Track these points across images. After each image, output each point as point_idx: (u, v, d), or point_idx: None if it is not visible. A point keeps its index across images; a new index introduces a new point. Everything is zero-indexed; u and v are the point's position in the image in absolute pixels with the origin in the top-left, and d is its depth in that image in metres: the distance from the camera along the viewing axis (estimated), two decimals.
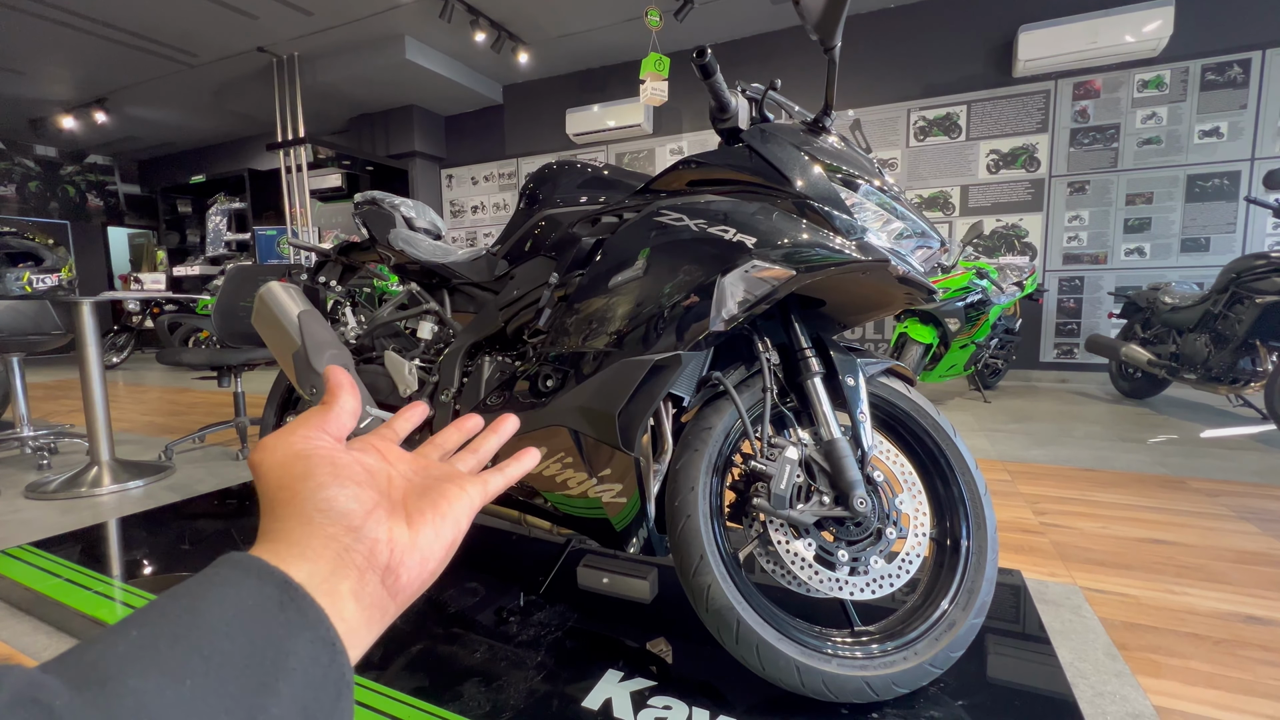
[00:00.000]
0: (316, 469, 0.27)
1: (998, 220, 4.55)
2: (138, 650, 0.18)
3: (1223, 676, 1.04)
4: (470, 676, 1.01)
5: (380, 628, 0.25)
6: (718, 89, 1.00)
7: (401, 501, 0.29)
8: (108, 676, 0.17)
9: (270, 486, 0.27)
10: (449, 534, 0.29)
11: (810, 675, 0.88)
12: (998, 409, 3.51)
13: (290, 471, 0.27)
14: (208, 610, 0.20)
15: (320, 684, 0.21)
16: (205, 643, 0.19)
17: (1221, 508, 1.84)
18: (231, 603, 0.20)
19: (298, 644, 0.21)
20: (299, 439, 0.28)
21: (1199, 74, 4.01)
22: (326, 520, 0.25)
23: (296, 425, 0.29)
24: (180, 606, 0.20)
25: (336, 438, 0.30)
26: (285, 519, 0.25)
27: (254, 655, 0.19)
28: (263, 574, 0.22)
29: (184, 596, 0.20)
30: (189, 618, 0.20)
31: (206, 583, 0.21)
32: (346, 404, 0.31)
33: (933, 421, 1.05)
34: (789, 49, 5.04)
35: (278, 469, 0.27)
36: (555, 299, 1.20)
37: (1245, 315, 2.85)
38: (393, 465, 0.31)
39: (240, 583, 0.21)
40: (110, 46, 5.17)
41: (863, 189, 0.97)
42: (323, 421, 0.30)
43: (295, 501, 0.26)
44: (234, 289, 2.50)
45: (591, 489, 1.06)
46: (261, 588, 0.21)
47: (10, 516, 1.92)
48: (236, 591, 0.21)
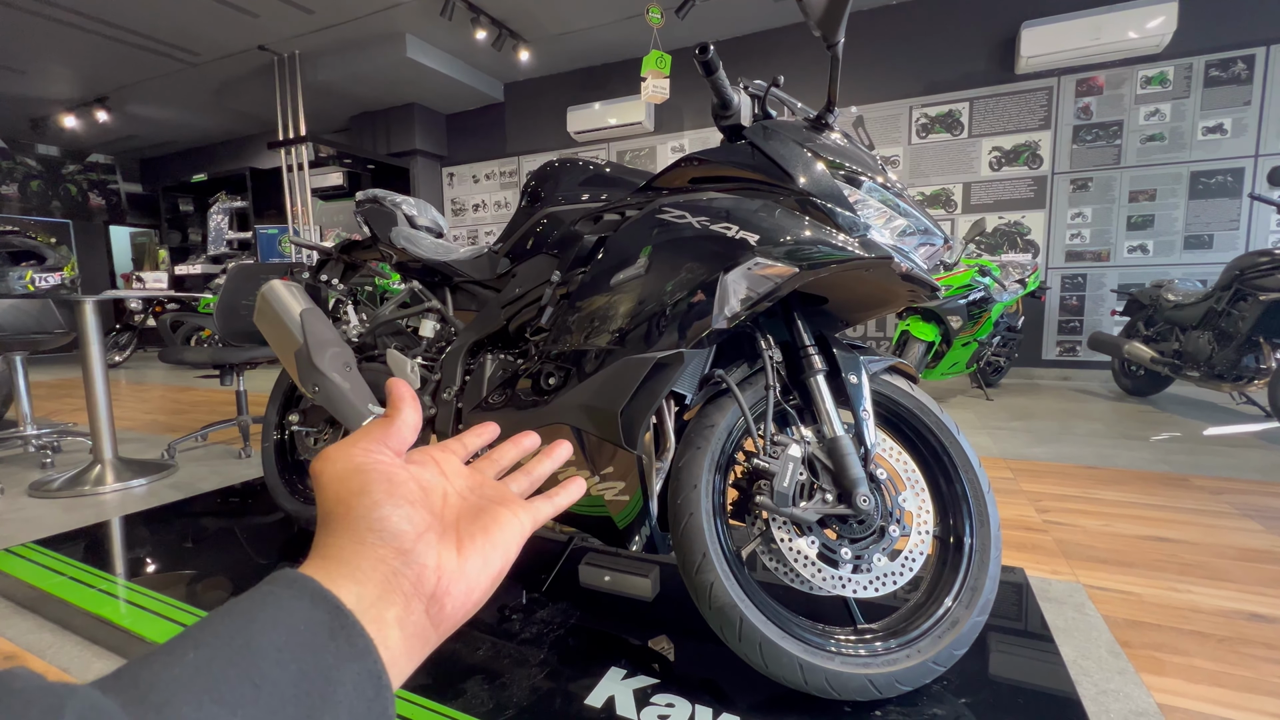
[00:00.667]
0: (373, 485, 0.27)
1: (1000, 217, 4.54)
2: (193, 674, 0.18)
3: (1226, 674, 1.04)
4: (473, 674, 1.02)
5: (420, 658, 0.25)
6: (720, 86, 1.00)
7: (454, 524, 0.29)
8: (164, 702, 0.17)
9: (328, 499, 0.27)
10: (497, 563, 0.29)
11: (813, 673, 0.88)
12: (1000, 407, 3.51)
13: (348, 486, 0.27)
14: (261, 634, 0.20)
15: (364, 718, 0.21)
16: (257, 670, 0.19)
17: (1225, 505, 1.84)
18: (284, 627, 0.21)
19: (346, 675, 0.21)
20: (359, 451, 0.28)
21: (1203, 70, 3.99)
22: (378, 541, 0.25)
23: (358, 437, 0.29)
24: (234, 628, 0.20)
25: (396, 452, 0.30)
26: (339, 534, 0.25)
27: (303, 684, 0.20)
28: (316, 598, 0.22)
29: (239, 615, 0.21)
30: (243, 641, 0.20)
31: (260, 602, 0.21)
32: (408, 418, 0.31)
33: (935, 419, 1.05)
34: (791, 46, 5.03)
35: (336, 482, 0.27)
36: (557, 297, 1.20)
37: (1249, 312, 2.84)
38: (449, 480, 0.31)
39: (293, 606, 0.21)
40: (111, 45, 5.17)
41: (865, 186, 0.97)
42: (384, 435, 0.30)
43: (350, 517, 0.26)
44: (236, 287, 2.50)
45: (594, 487, 1.06)
46: (314, 612, 0.21)
47: (14, 515, 1.92)
48: (289, 615, 0.21)
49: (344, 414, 1.39)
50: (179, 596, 1.30)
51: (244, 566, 1.47)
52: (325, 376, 1.38)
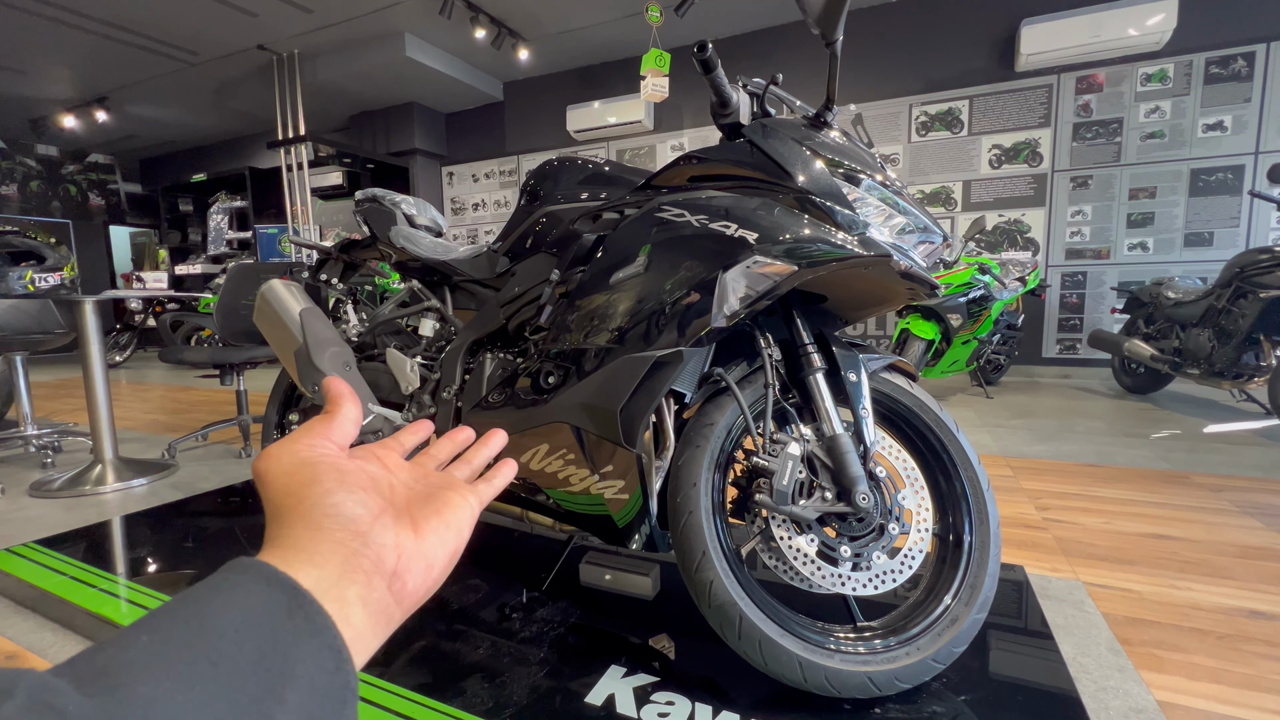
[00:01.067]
0: (323, 475, 0.27)
1: (1000, 215, 4.54)
2: (148, 656, 0.18)
3: (1226, 671, 1.04)
4: (473, 673, 1.02)
5: (386, 633, 0.26)
6: (719, 84, 0.99)
7: (406, 508, 0.29)
8: (118, 683, 0.17)
9: (276, 493, 0.27)
10: (453, 541, 0.29)
11: (813, 670, 0.88)
12: (1000, 405, 3.51)
13: (296, 478, 0.27)
14: (217, 616, 0.20)
15: (326, 691, 0.21)
16: (214, 649, 0.19)
17: (1225, 503, 1.84)
18: (240, 609, 0.21)
19: (305, 651, 0.21)
20: (304, 446, 0.29)
21: (1203, 67, 3.99)
22: (334, 525, 0.25)
23: (300, 434, 0.30)
24: (190, 612, 0.20)
25: (340, 446, 0.30)
26: (292, 525, 0.26)
27: (262, 662, 0.20)
28: (271, 580, 0.22)
29: (194, 602, 0.21)
30: (198, 623, 0.20)
31: (216, 588, 0.21)
32: (349, 413, 0.32)
33: (935, 417, 1.05)
34: (790, 44, 5.02)
35: (284, 476, 0.27)
36: (557, 295, 1.20)
37: (1249, 310, 2.84)
38: (394, 474, 0.32)
39: (249, 589, 0.21)
40: (111, 45, 5.16)
41: (865, 184, 0.97)
42: (327, 430, 0.30)
43: (302, 507, 0.26)
44: (235, 287, 2.50)
45: (594, 485, 1.06)
46: (270, 594, 0.21)
47: (15, 514, 1.92)
48: (245, 597, 0.21)
49: None
50: None
51: None
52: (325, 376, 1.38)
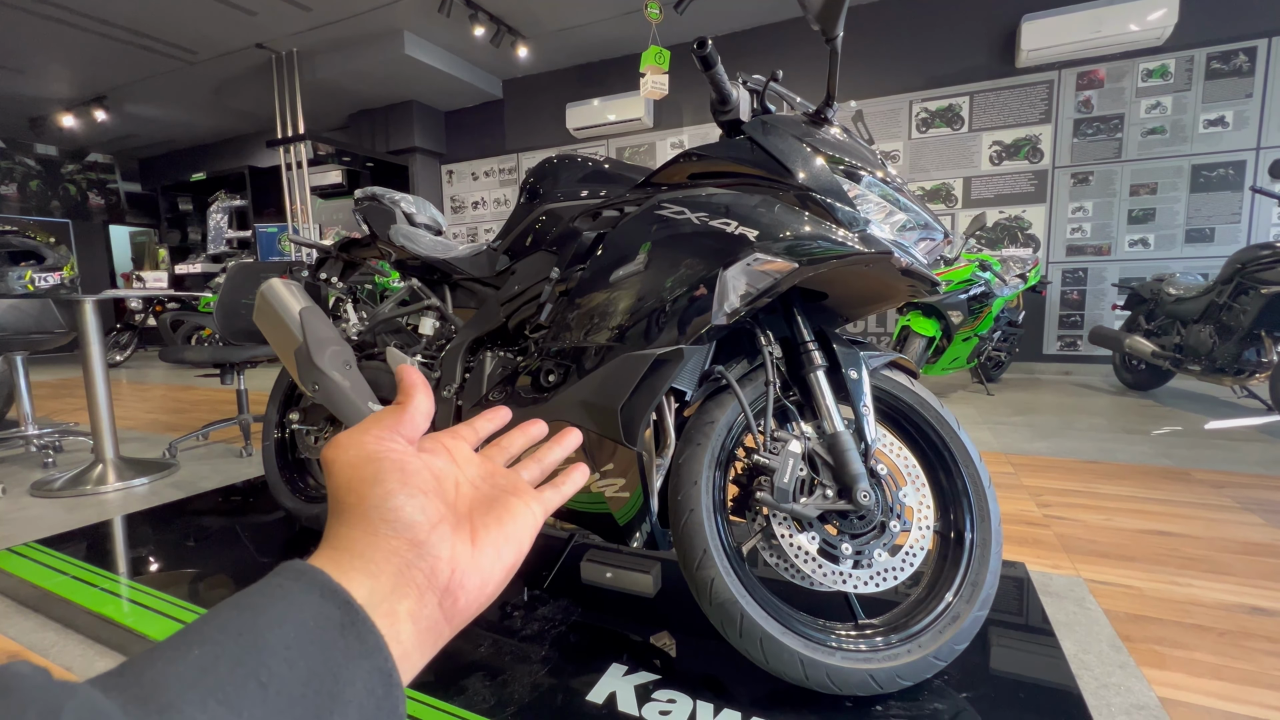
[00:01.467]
0: (386, 474, 0.26)
1: (1001, 212, 4.53)
2: (198, 673, 0.18)
3: (1227, 668, 1.04)
4: (475, 671, 1.02)
5: (432, 652, 0.25)
6: (718, 80, 0.99)
7: (468, 514, 0.28)
8: (168, 704, 0.17)
9: (340, 488, 0.26)
10: (511, 556, 0.28)
11: (814, 668, 0.88)
12: (1001, 401, 3.50)
13: (360, 474, 0.26)
14: (269, 630, 0.19)
15: (374, 717, 0.20)
16: (265, 668, 0.18)
17: (1226, 499, 1.84)
18: (293, 623, 0.20)
19: (356, 673, 0.20)
20: (372, 439, 0.28)
21: (1204, 63, 3.97)
22: (392, 532, 0.25)
23: (370, 424, 0.29)
24: (242, 624, 0.19)
25: (409, 439, 0.29)
26: (351, 525, 0.25)
27: (312, 683, 0.19)
28: (325, 591, 0.21)
29: (246, 609, 0.20)
30: (251, 639, 0.19)
31: (269, 595, 0.21)
32: (421, 405, 0.31)
33: (936, 414, 1.05)
34: (790, 41, 5.01)
35: (348, 469, 0.26)
36: (556, 294, 1.20)
37: (1250, 306, 2.84)
38: (461, 469, 0.31)
39: (303, 601, 0.21)
40: (109, 44, 5.15)
41: (865, 181, 0.96)
42: (396, 423, 0.29)
43: (362, 507, 0.25)
44: (235, 286, 2.50)
45: (594, 484, 1.06)
46: (323, 607, 0.21)
47: (16, 514, 1.93)
48: (299, 610, 0.20)
49: (344, 412, 1.39)
50: (181, 595, 1.31)
51: (246, 565, 1.47)
52: (325, 375, 1.38)
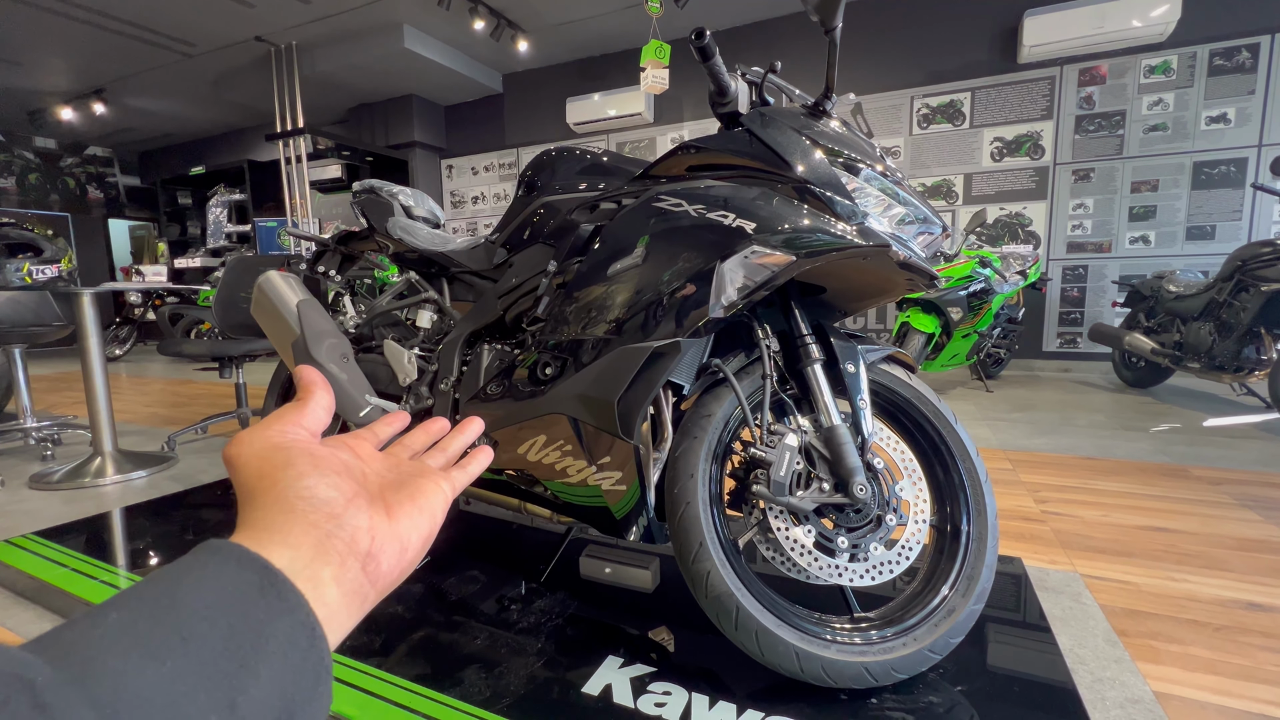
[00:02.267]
0: (296, 459, 0.27)
1: (1001, 208, 4.52)
2: (118, 632, 0.18)
3: (1223, 662, 1.04)
4: (471, 663, 1.02)
5: (360, 614, 0.26)
6: (717, 72, 0.99)
7: (380, 494, 0.29)
8: (89, 657, 0.17)
9: (249, 477, 0.27)
10: (426, 525, 0.30)
11: (809, 661, 0.88)
12: (1000, 398, 3.50)
13: (270, 461, 0.27)
14: (187, 595, 0.20)
15: (299, 667, 0.21)
16: (184, 625, 0.19)
17: (1223, 495, 1.84)
18: (211, 587, 0.21)
19: (277, 628, 0.21)
20: (275, 433, 0.29)
21: (1206, 59, 3.96)
22: (309, 508, 0.26)
23: (272, 420, 0.30)
24: (160, 590, 0.20)
25: (313, 432, 0.30)
26: (266, 507, 0.26)
27: (233, 638, 0.20)
28: (243, 560, 0.22)
29: (163, 581, 0.21)
30: (168, 601, 0.20)
31: (186, 568, 0.21)
32: (321, 400, 0.32)
33: (933, 408, 1.05)
34: (790, 36, 4.99)
35: (256, 460, 0.27)
36: (554, 286, 1.19)
37: (1250, 303, 2.83)
38: (366, 463, 0.32)
39: (220, 569, 0.21)
40: (108, 37, 5.13)
41: (864, 173, 0.96)
42: (299, 416, 0.30)
43: (275, 490, 0.26)
44: (234, 280, 2.50)
45: (591, 477, 1.06)
46: (241, 573, 0.22)
47: (15, 506, 1.93)
48: (216, 577, 0.21)
49: (341, 405, 1.38)
50: None
51: None
52: (322, 367, 1.38)
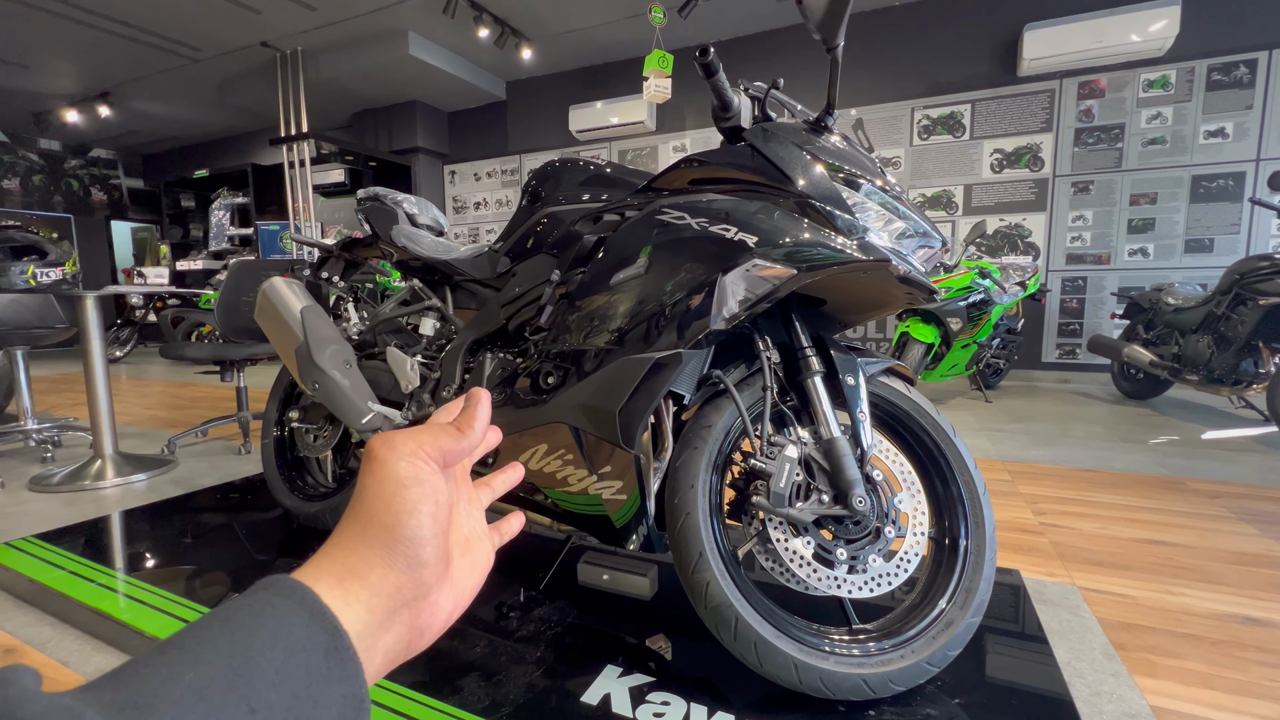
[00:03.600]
0: (423, 506, 0.26)
1: (1001, 220, 4.54)
2: (193, 699, 0.18)
3: (1219, 677, 1.05)
4: (470, 671, 1.02)
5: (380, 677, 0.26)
6: (720, 88, 1.00)
7: (451, 558, 0.29)
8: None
9: (376, 496, 0.26)
10: (464, 605, 0.30)
11: (808, 672, 0.88)
12: (999, 409, 3.51)
13: (402, 497, 0.26)
14: (261, 654, 0.20)
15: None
16: (255, 695, 0.19)
17: (1221, 509, 1.84)
18: (284, 646, 0.21)
19: (332, 697, 0.21)
20: (424, 461, 0.27)
21: (1205, 74, 3.99)
22: (406, 569, 0.25)
23: (429, 438, 0.28)
24: (235, 644, 0.20)
25: (451, 461, 0.29)
26: (372, 544, 0.25)
27: (293, 708, 0.20)
28: (315, 615, 0.22)
29: (238, 629, 0.20)
30: (243, 661, 0.20)
31: (259, 614, 0.21)
32: (472, 440, 0.30)
33: (932, 421, 1.05)
34: (793, 46, 5.03)
35: (393, 483, 0.26)
36: (557, 296, 1.20)
37: (1248, 317, 2.85)
38: (466, 518, 0.32)
39: (293, 621, 0.21)
40: (114, 40, 5.17)
41: (864, 188, 0.97)
42: (452, 445, 0.29)
43: (392, 533, 0.25)
44: (236, 284, 2.51)
45: (592, 486, 1.07)
46: (311, 633, 0.21)
47: (14, 509, 1.93)
48: (289, 633, 0.21)
49: (344, 411, 1.39)
50: (178, 591, 1.31)
51: (243, 562, 1.47)
52: (325, 374, 1.39)
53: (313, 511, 1.60)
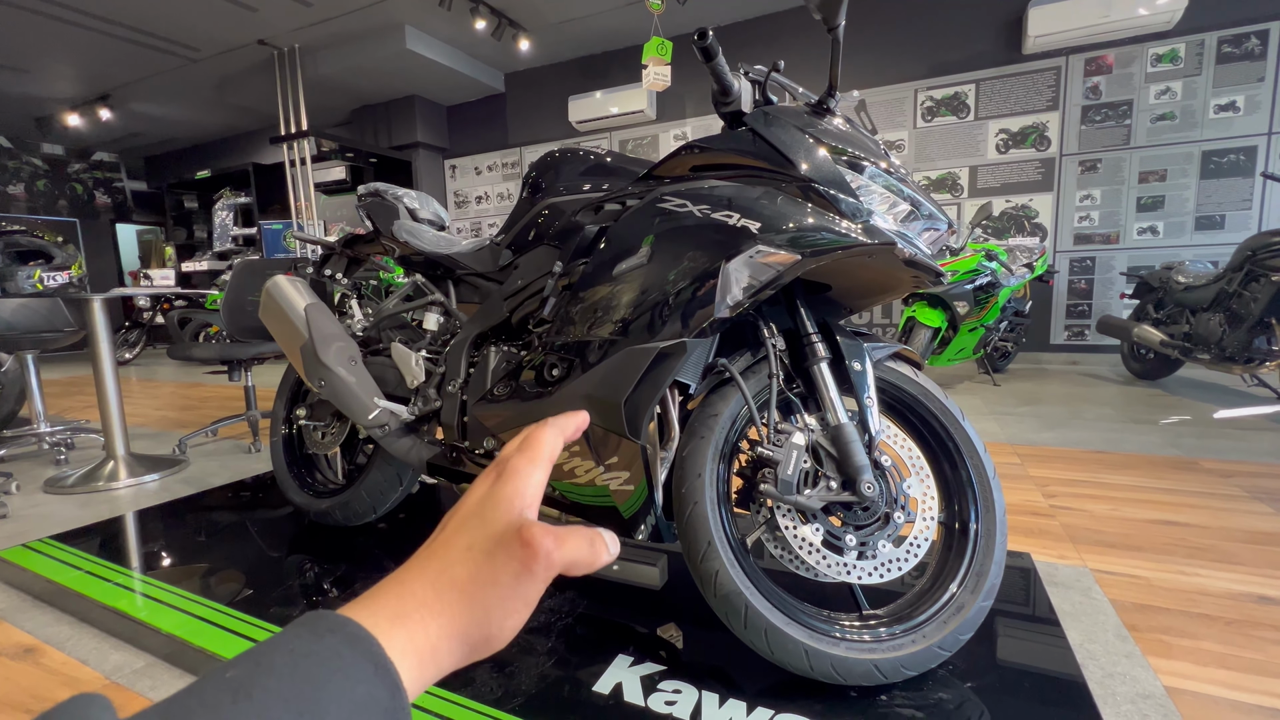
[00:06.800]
0: (524, 614, 0.26)
1: (1007, 201, 4.49)
2: None
3: (1234, 657, 1.04)
4: (482, 663, 1.03)
5: None
6: (720, 72, 0.98)
7: None
8: None
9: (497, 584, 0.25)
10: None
11: (819, 659, 0.88)
12: (1007, 392, 3.49)
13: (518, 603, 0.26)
14: (328, 711, 0.19)
15: None
16: None
17: (1234, 488, 1.83)
18: (348, 703, 0.20)
19: None
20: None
21: (1215, 46, 3.91)
22: (484, 622, 0.25)
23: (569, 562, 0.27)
24: (305, 698, 0.19)
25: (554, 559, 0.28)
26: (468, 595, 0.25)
27: None
28: (380, 669, 0.21)
29: (306, 682, 0.20)
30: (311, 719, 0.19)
31: (328, 665, 0.21)
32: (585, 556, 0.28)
33: (940, 405, 1.04)
34: (793, 30, 4.96)
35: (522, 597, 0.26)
36: (559, 288, 1.20)
37: (1261, 294, 2.81)
38: None
39: (358, 675, 0.21)
40: (112, 43, 5.17)
41: (868, 171, 0.96)
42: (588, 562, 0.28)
43: (491, 586, 0.25)
44: (241, 284, 2.51)
45: (599, 477, 1.07)
46: (374, 690, 0.21)
47: (30, 511, 1.95)
48: (354, 688, 0.20)
49: (350, 408, 1.40)
50: (193, 589, 1.33)
51: (256, 559, 1.49)
52: (331, 371, 1.39)
53: (323, 508, 1.61)
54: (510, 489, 0.28)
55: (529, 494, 0.28)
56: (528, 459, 0.29)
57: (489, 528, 0.27)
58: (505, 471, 0.29)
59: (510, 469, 0.29)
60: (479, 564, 0.26)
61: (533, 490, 0.29)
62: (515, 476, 0.29)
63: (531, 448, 0.30)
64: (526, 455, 0.30)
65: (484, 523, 0.27)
